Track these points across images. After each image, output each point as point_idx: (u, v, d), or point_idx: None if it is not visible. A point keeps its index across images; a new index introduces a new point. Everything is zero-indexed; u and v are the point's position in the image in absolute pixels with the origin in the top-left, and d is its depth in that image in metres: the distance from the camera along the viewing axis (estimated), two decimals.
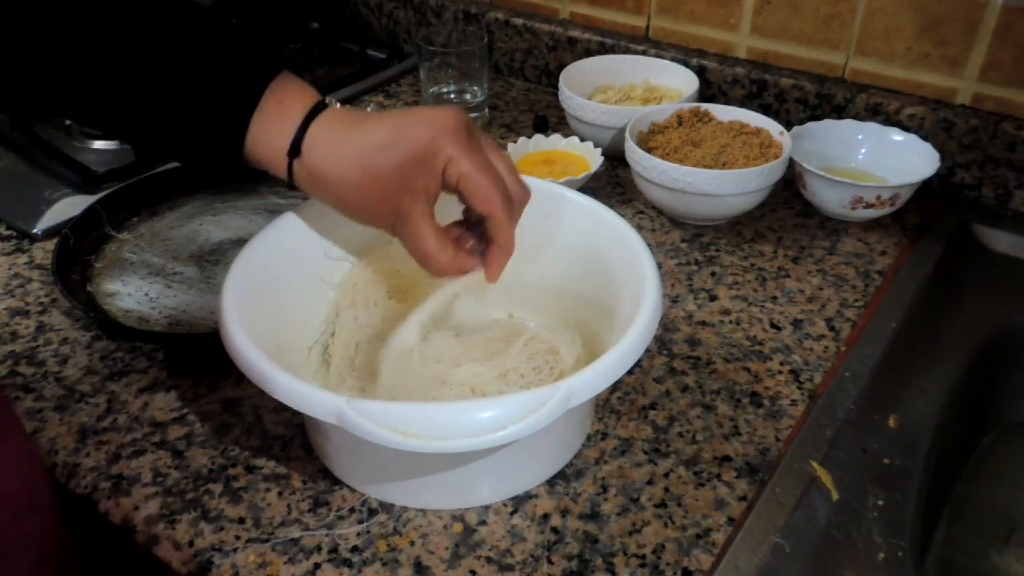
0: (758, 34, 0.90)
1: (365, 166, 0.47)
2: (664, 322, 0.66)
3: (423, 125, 0.47)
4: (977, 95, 0.80)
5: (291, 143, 0.48)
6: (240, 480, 0.53)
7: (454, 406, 0.43)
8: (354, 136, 0.48)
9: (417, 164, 0.47)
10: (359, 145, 0.47)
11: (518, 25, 1.05)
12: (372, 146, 0.47)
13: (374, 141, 0.47)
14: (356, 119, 0.49)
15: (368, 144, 0.47)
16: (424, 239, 0.49)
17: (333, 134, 0.48)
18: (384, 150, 0.47)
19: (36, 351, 0.63)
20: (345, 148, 0.48)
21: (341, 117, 0.49)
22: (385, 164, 0.47)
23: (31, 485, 0.47)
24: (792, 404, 0.59)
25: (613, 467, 0.54)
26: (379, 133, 0.47)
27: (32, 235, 0.76)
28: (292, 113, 0.48)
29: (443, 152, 0.47)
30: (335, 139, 0.48)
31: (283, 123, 0.48)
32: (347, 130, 0.48)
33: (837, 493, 0.52)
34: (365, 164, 0.47)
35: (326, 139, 0.48)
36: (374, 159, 0.47)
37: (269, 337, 0.50)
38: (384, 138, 0.47)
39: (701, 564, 0.48)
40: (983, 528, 0.64)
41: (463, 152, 0.47)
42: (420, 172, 0.47)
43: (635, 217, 0.80)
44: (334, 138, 0.48)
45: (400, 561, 0.48)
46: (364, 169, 0.47)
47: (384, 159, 0.47)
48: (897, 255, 0.75)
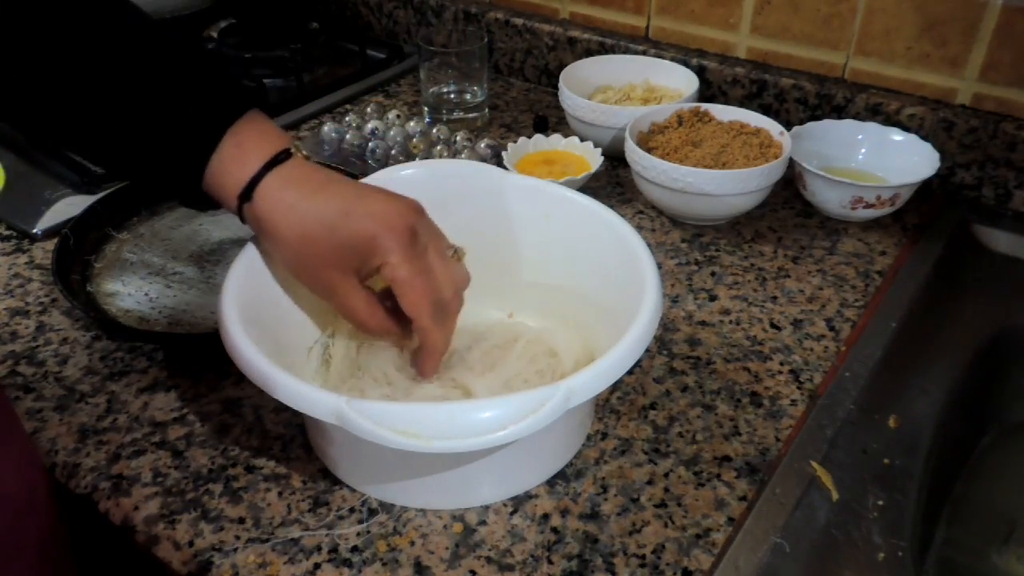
0: (758, 34, 0.90)
1: (306, 237, 0.48)
2: (664, 322, 0.66)
3: (369, 219, 0.48)
4: (977, 95, 0.80)
5: (243, 189, 0.49)
6: (240, 480, 0.53)
7: (454, 406, 0.43)
8: (303, 205, 0.49)
9: (354, 254, 0.49)
10: (304, 215, 0.48)
11: (518, 25, 1.05)
12: (317, 221, 0.48)
13: (320, 217, 0.48)
14: (312, 185, 0.49)
15: (313, 218, 0.48)
16: (353, 309, 0.51)
17: (285, 194, 0.49)
18: (327, 229, 0.48)
19: (36, 351, 0.63)
20: (292, 213, 0.49)
21: (298, 177, 0.49)
22: (324, 242, 0.48)
23: (30, 487, 0.47)
24: (792, 404, 0.59)
25: (613, 467, 0.54)
26: (327, 211, 0.48)
27: (32, 235, 0.76)
28: (250, 159, 0.49)
29: (380, 252, 0.48)
30: (285, 200, 0.49)
31: (239, 167, 0.49)
32: (299, 195, 0.49)
33: (837, 493, 0.52)
34: (307, 235, 0.48)
35: (277, 196, 0.49)
36: (315, 234, 0.48)
37: (269, 337, 0.50)
38: (330, 218, 0.48)
39: (701, 564, 0.48)
40: (983, 528, 0.64)
41: (401, 257, 0.48)
42: (355, 260, 0.49)
43: (635, 217, 0.80)
44: (285, 198, 0.49)
45: (400, 561, 0.48)
46: (304, 239, 0.49)
47: (324, 237, 0.48)
48: (897, 255, 0.75)
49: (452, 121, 0.96)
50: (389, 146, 0.88)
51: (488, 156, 0.86)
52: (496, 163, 0.83)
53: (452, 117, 0.96)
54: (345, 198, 0.49)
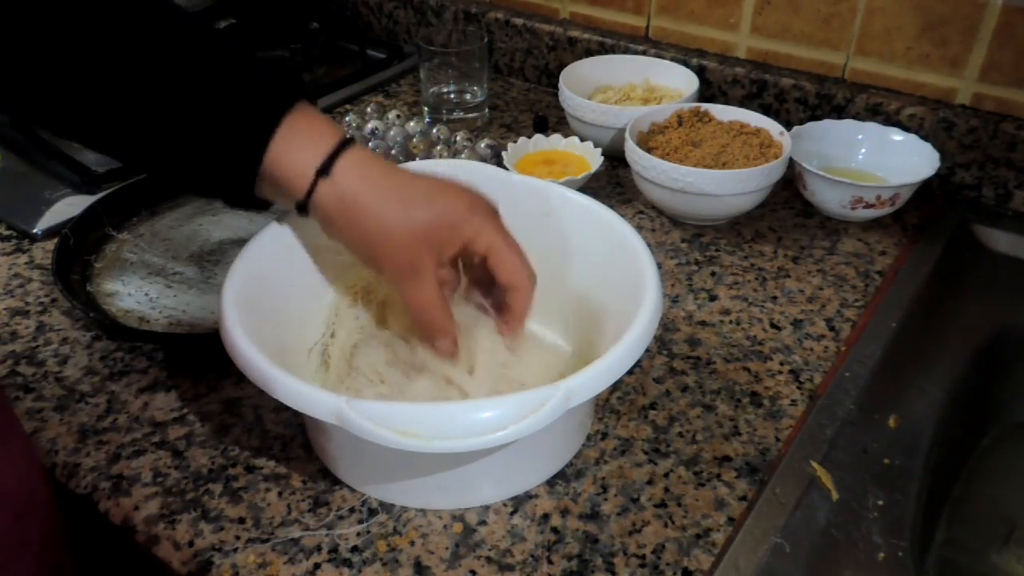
0: (758, 34, 0.90)
1: (405, 205, 0.47)
2: (664, 322, 0.66)
3: (461, 195, 0.49)
4: (977, 95, 0.80)
5: (323, 162, 0.47)
6: (240, 480, 0.53)
7: (454, 406, 0.43)
8: (395, 177, 0.48)
9: (447, 225, 0.48)
10: (400, 185, 0.48)
11: (518, 25, 1.05)
12: (413, 190, 0.48)
13: (415, 188, 0.48)
14: (392, 167, 0.49)
15: (409, 188, 0.48)
16: (427, 292, 0.49)
17: (372, 167, 0.48)
18: (424, 199, 0.48)
19: (36, 351, 0.63)
20: (385, 183, 0.48)
21: (376, 157, 0.49)
22: (421, 213, 0.48)
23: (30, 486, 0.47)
24: (792, 404, 0.59)
25: (613, 467, 0.54)
26: (420, 183, 0.48)
27: (32, 235, 0.76)
28: (324, 136, 0.48)
29: (473, 224, 0.48)
30: (374, 172, 0.48)
31: (315, 143, 0.48)
32: (386, 170, 0.48)
33: (837, 493, 0.52)
34: (405, 203, 0.47)
35: (364, 169, 0.48)
36: (414, 202, 0.48)
37: (269, 337, 0.50)
38: (424, 189, 0.48)
39: (701, 564, 0.48)
40: (983, 528, 0.64)
41: (494, 227, 0.49)
42: (447, 234, 0.48)
43: (635, 217, 0.80)
44: (373, 171, 0.48)
45: (400, 561, 0.48)
46: (403, 208, 0.47)
47: (423, 207, 0.48)
48: (897, 255, 0.75)
49: (452, 121, 0.96)
50: (389, 146, 0.88)
51: (488, 156, 0.86)
52: (496, 163, 0.83)
53: (452, 117, 0.96)
54: (431, 180, 0.49)
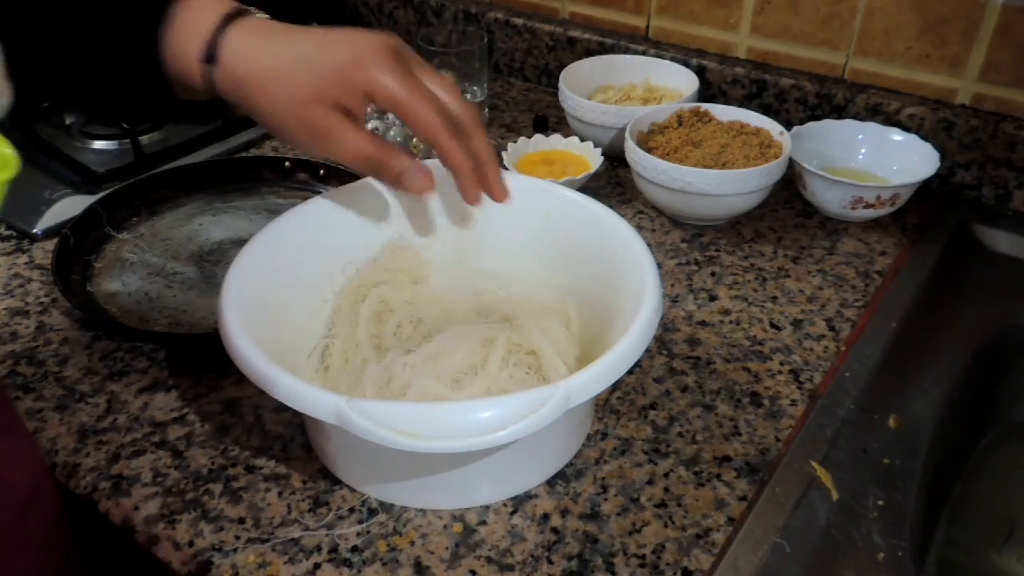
0: (758, 34, 0.90)
1: (281, 75, 0.46)
2: (664, 322, 0.66)
3: (346, 44, 0.46)
4: (977, 95, 0.80)
5: (205, 49, 0.46)
6: (240, 480, 0.53)
7: (454, 406, 0.43)
8: (273, 46, 0.46)
9: (337, 81, 0.46)
10: (276, 55, 0.46)
11: (518, 25, 1.05)
12: (291, 57, 0.46)
13: (295, 53, 0.46)
14: (279, 31, 0.47)
15: (287, 55, 0.46)
16: (351, 143, 0.47)
17: (251, 41, 0.46)
18: (303, 62, 0.46)
19: (36, 351, 0.63)
20: (263, 56, 0.46)
21: (261, 27, 0.47)
22: (302, 75, 0.46)
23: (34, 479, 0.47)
24: (792, 404, 0.59)
25: (613, 467, 0.54)
26: (300, 46, 0.46)
27: (32, 235, 0.76)
28: (205, 19, 0.46)
29: (364, 73, 0.45)
30: (253, 47, 0.46)
31: (196, 29, 0.46)
32: (266, 41, 0.46)
33: (837, 493, 0.52)
34: (281, 72, 0.46)
35: (243, 46, 0.46)
36: (291, 69, 0.46)
37: (269, 337, 0.50)
38: (306, 51, 0.46)
39: (701, 564, 0.48)
40: (983, 528, 0.64)
41: (391, 76, 0.45)
42: (338, 88, 0.46)
43: (635, 217, 0.80)
44: (252, 46, 0.46)
45: (400, 561, 0.48)
46: (279, 77, 0.46)
47: (302, 71, 0.46)
48: (897, 255, 0.75)
49: None
50: None
51: None
52: None
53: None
54: (317, 35, 0.47)
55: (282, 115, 0.47)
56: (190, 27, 0.46)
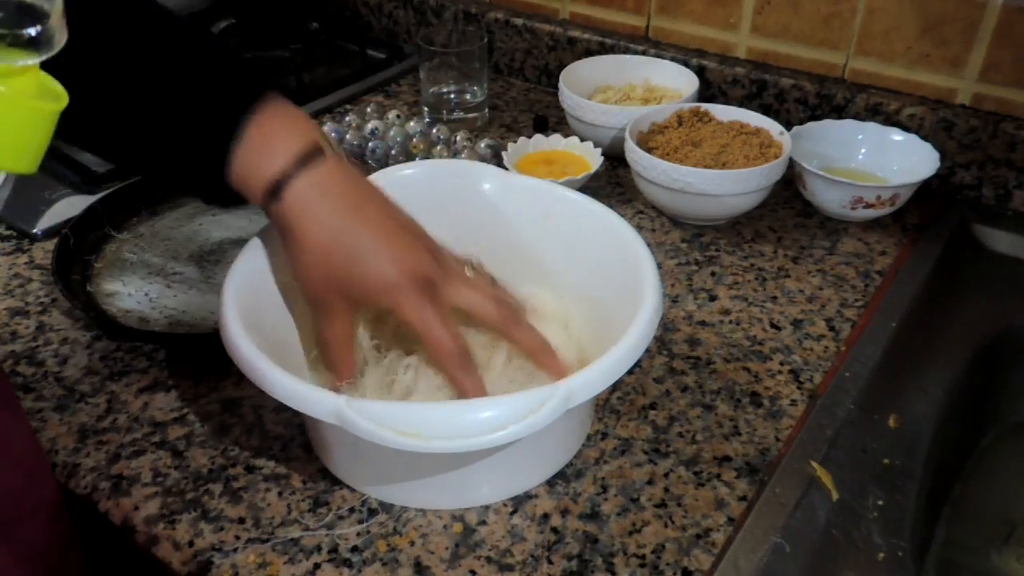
0: (758, 34, 0.90)
1: (330, 258, 0.48)
2: (664, 322, 0.66)
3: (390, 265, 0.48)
4: (977, 95, 0.80)
5: (271, 186, 0.48)
6: (240, 480, 0.53)
7: (454, 406, 0.43)
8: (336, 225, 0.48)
9: (365, 293, 0.49)
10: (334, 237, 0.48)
11: (518, 25, 1.05)
12: (345, 249, 0.48)
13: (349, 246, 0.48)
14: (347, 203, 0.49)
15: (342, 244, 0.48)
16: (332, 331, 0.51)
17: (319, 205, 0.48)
18: (351, 260, 0.48)
19: (36, 351, 0.63)
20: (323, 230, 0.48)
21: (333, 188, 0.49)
22: (343, 270, 0.49)
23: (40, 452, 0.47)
24: (792, 404, 0.59)
25: (613, 467, 0.54)
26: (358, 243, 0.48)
27: (32, 235, 0.76)
28: (277, 152, 0.48)
29: (393, 299, 0.48)
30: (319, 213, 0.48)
31: (266, 160, 0.47)
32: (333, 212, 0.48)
33: (837, 493, 0.52)
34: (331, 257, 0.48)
35: (310, 205, 0.48)
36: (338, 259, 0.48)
37: (269, 337, 0.50)
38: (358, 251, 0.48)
39: (701, 564, 0.48)
40: (983, 528, 0.64)
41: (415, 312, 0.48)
42: (363, 299, 0.50)
43: (635, 217, 0.80)
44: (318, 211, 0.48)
45: (400, 561, 0.48)
46: (328, 259, 0.49)
47: (345, 265, 0.48)
48: (897, 255, 0.75)
49: (452, 121, 0.96)
50: (389, 146, 0.88)
51: (488, 156, 0.86)
52: (496, 163, 0.83)
53: (452, 117, 0.96)
54: (376, 233, 0.49)
55: (308, 277, 0.50)
56: (261, 156, 0.48)
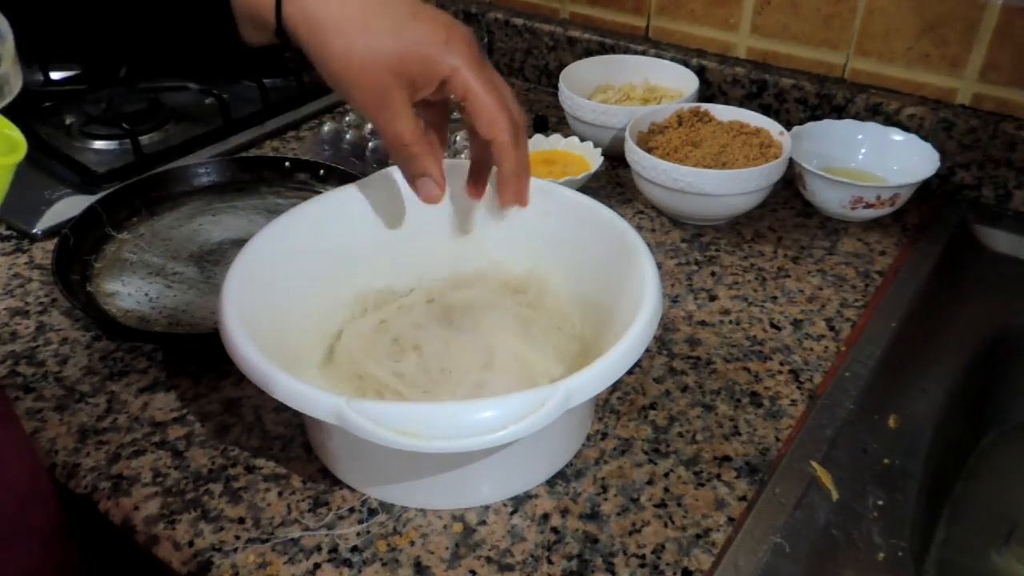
0: (758, 34, 0.90)
1: (369, 30, 0.44)
2: (664, 322, 0.66)
3: (436, 24, 0.44)
4: (977, 95, 0.80)
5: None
6: (240, 480, 0.53)
7: (454, 406, 0.43)
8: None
9: (418, 59, 0.44)
10: (370, 6, 0.44)
11: (518, 25, 1.05)
12: (383, 15, 0.44)
13: (387, 10, 0.44)
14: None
15: (379, 10, 0.44)
16: (401, 124, 0.46)
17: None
18: (395, 25, 0.44)
19: (36, 351, 0.63)
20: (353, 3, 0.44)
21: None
22: (388, 40, 0.44)
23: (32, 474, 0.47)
24: (792, 404, 0.59)
25: (613, 467, 0.54)
26: (392, 6, 0.44)
27: (32, 235, 0.76)
28: None
29: (449, 60, 0.44)
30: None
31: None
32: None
33: (837, 493, 0.52)
34: (370, 28, 0.44)
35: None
36: (380, 28, 0.43)
37: (269, 337, 0.50)
38: (397, 14, 0.44)
39: (701, 564, 0.48)
40: (983, 528, 0.64)
41: (471, 67, 0.45)
42: (419, 68, 0.45)
43: (635, 217, 0.80)
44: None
45: (400, 561, 0.48)
46: (366, 32, 0.44)
47: (390, 34, 0.44)
48: (897, 255, 0.75)
49: (452, 121, 0.95)
50: None
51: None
52: None
53: (452, 117, 0.96)
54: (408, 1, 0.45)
55: (353, 70, 0.45)
56: None
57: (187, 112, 0.96)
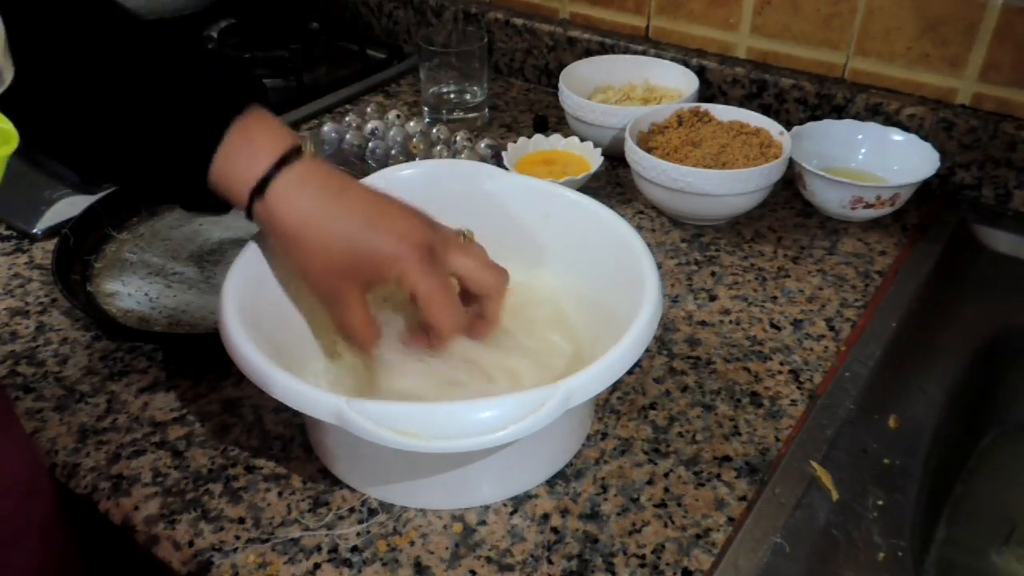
0: (758, 34, 0.90)
1: (326, 246, 0.48)
2: (664, 322, 0.66)
3: (392, 236, 0.48)
4: (977, 95, 0.80)
5: (256, 184, 0.48)
6: (240, 480, 0.53)
7: (454, 406, 0.43)
8: (324, 212, 0.48)
9: (371, 268, 0.49)
10: (324, 224, 0.48)
11: (518, 25, 1.05)
12: (339, 233, 0.48)
13: (343, 229, 0.48)
14: (331, 190, 0.49)
15: (335, 229, 0.48)
16: (353, 320, 0.51)
17: (302, 195, 0.48)
18: (349, 242, 0.48)
19: (36, 351, 0.63)
20: (312, 219, 0.48)
21: (315, 179, 0.49)
22: (343, 254, 0.49)
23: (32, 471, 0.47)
24: (792, 404, 0.59)
25: (613, 467, 0.54)
26: (350, 224, 0.48)
27: (32, 235, 0.76)
28: (260, 153, 0.48)
29: (398, 269, 0.48)
30: (304, 204, 0.48)
31: (249, 161, 0.48)
32: (318, 201, 0.48)
33: (837, 493, 0.52)
34: (327, 245, 0.48)
35: (294, 197, 0.48)
36: (336, 245, 0.48)
37: (269, 337, 0.50)
38: (352, 232, 0.48)
39: (701, 564, 0.48)
40: (983, 528, 0.64)
41: (420, 278, 0.49)
42: (370, 274, 0.49)
43: (635, 217, 0.80)
44: (303, 202, 0.48)
45: (400, 561, 0.48)
46: (324, 248, 0.49)
47: (344, 249, 0.48)
48: (897, 255, 0.75)
49: (452, 121, 0.96)
50: (389, 146, 0.88)
51: (488, 156, 0.86)
52: (496, 163, 0.83)
53: (452, 117, 0.96)
54: (366, 211, 0.49)
55: (311, 273, 0.50)
56: (244, 158, 0.48)
57: None
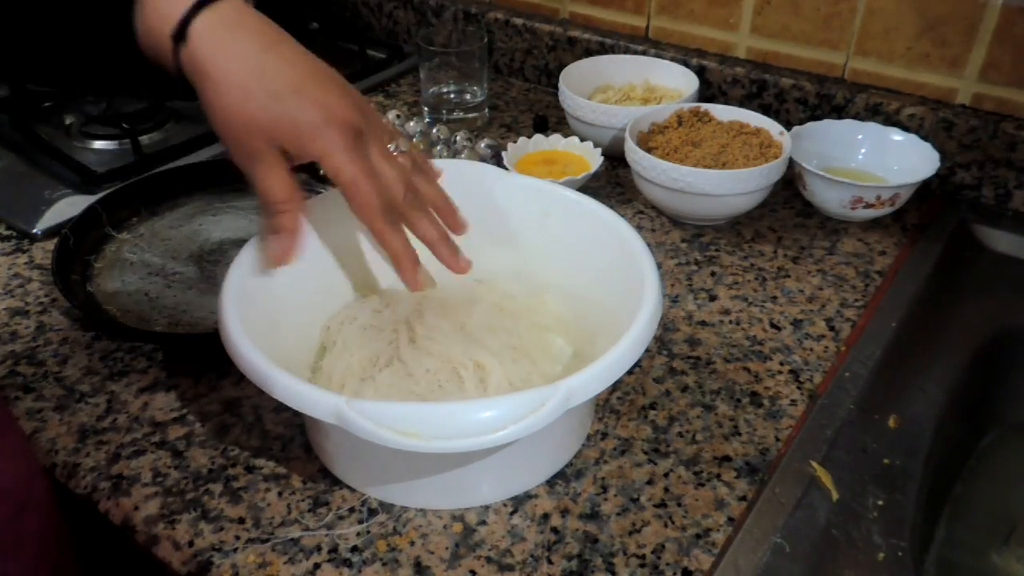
0: (758, 34, 0.90)
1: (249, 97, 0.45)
2: (664, 322, 0.66)
3: (317, 107, 0.45)
4: (977, 95, 0.80)
5: (177, 24, 0.45)
6: (240, 480, 0.53)
7: (454, 406, 0.43)
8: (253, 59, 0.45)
9: (292, 135, 0.46)
10: (253, 73, 0.45)
11: (518, 25, 1.05)
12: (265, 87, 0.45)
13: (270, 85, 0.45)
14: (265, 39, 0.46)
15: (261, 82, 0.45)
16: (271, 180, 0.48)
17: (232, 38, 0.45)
18: (273, 99, 0.45)
19: (36, 351, 0.63)
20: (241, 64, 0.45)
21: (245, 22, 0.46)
22: (264, 111, 0.45)
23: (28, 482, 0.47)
24: (792, 404, 0.59)
25: (613, 467, 0.54)
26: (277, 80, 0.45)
27: (32, 235, 0.76)
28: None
29: (321, 144, 0.45)
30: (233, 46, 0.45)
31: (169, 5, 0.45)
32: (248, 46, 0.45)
33: (837, 493, 0.52)
34: (250, 95, 0.45)
35: (220, 39, 0.45)
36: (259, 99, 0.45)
37: (269, 337, 0.50)
38: (279, 89, 0.45)
39: (701, 564, 0.48)
40: (983, 528, 0.64)
41: (345, 157, 0.46)
42: (289, 142, 0.46)
43: (635, 217, 0.80)
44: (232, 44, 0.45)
45: (400, 561, 0.48)
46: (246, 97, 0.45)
47: (267, 106, 0.45)
48: (897, 255, 0.75)
49: (452, 121, 0.96)
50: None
51: (488, 156, 0.86)
52: (496, 163, 0.83)
53: (452, 117, 0.96)
54: (297, 72, 0.46)
55: (230, 127, 0.47)
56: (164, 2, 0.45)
57: (187, 112, 0.96)
